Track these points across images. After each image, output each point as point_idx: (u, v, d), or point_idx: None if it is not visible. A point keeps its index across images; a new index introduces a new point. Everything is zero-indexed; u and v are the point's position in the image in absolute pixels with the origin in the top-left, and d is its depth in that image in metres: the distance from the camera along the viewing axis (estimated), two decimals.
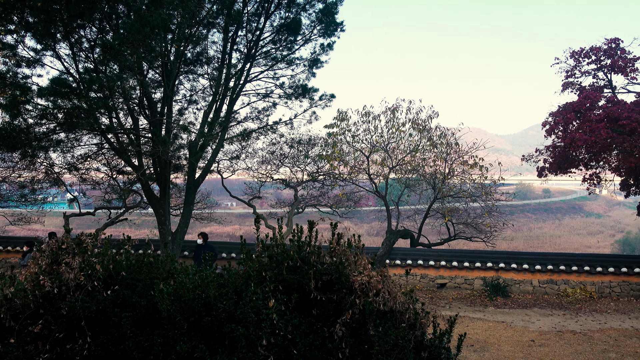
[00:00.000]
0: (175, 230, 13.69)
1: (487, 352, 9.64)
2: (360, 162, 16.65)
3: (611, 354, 9.59)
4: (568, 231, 78.96)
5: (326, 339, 3.94)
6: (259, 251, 4.56)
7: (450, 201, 17.21)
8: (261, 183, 17.47)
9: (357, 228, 60.75)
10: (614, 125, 12.47)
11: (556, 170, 14.78)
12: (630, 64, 13.71)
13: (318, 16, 13.60)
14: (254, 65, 14.03)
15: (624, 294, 14.43)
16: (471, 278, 15.26)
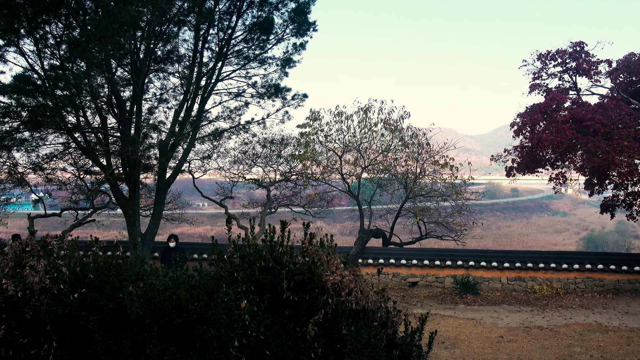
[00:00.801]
0: (145, 231, 13.45)
1: (458, 348, 9.81)
2: (333, 161, 16.69)
3: (576, 348, 9.88)
4: (535, 229, 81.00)
5: (299, 339, 3.94)
6: (231, 252, 4.52)
7: (421, 200, 17.43)
8: (233, 183, 17.33)
9: (329, 228, 60.88)
10: (578, 126, 12.84)
11: (524, 170, 15.13)
12: (594, 67, 14.14)
13: (290, 15, 13.57)
14: (225, 64, 13.90)
15: (588, 290, 14.89)
16: (442, 276, 15.49)
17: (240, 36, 13.77)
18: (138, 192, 13.40)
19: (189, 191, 30.52)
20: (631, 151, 12.19)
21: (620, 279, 14.83)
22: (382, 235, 17.00)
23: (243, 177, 17.16)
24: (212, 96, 14.36)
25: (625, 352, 9.69)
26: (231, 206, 21.81)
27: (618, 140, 12.22)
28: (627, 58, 14.80)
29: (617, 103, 13.05)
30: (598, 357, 9.38)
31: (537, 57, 14.86)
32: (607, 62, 14.59)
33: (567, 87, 14.97)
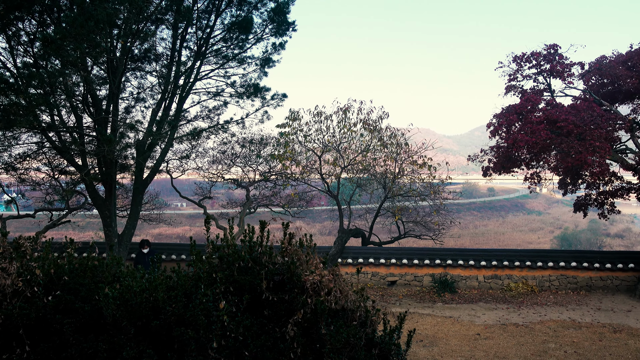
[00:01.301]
0: (122, 232, 13.25)
1: (436, 346, 9.92)
2: (313, 161, 16.72)
3: (550, 344, 10.09)
4: (511, 228, 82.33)
5: (278, 339, 3.94)
6: (210, 252, 4.50)
7: (400, 200, 17.57)
8: (212, 183, 17.19)
9: (309, 227, 60.88)
10: (552, 127, 13.11)
11: (500, 170, 15.36)
12: (567, 69, 14.46)
13: (270, 15, 13.53)
14: (204, 63, 13.78)
15: (562, 287, 15.22)
16: (420, 275, 15.65)
17: (219, 35, 13.68)
18: (115, 193, 13.20)
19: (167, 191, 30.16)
20: (602, 151, 12.50)
21: (593, 276, 15.20)
22: (361, 234, 17.09)
23: (222, 177, 17.05)
24: (191, 95, 14.23)
25: (598, 347, 9.94)
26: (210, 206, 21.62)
27: (590, 140, 12.52)
28: (599, 61, 15.17)
29: (590, 104, 13.37)
30: (571, 352, 9.60)
31: (512, 59, 15.12)
32: (580, 64, 14.93)
33: (542, 89, 15.27)
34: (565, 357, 9.34)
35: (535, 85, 15.33)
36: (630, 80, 13.96)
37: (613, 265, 15.11)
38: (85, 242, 14.76)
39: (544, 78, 15.02)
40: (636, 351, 9.68)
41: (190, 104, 15.36)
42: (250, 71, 14.50)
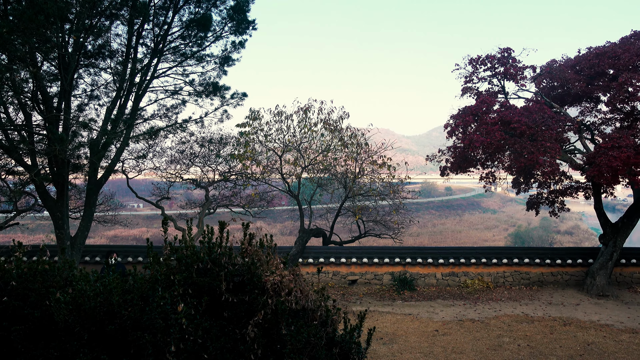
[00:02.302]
0: (74, 234, 12.78)
1: (396, 344, 10.06)
2: (273, 161, 16.63)
3: (505, 339, 10.43)
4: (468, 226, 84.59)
5: (238, 341, 3.89)
6: (167, 254, 4.39)
7: (360, 200, 17.73)
8: (170, 183, 16.84)
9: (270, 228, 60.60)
10: (506, 128, 13.54)
11: (457, 170, 15.73)
12: (520, 72, 14.96)
13: (229, 13, 13.36)
14: (161, 60, 13.47)
15: (515, 283, 15.75)
16: (380, 273, 15.84)
17: (177, 32, 13.40)
18: (67, 194, 12.71)
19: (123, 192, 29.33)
20: (553, 152, 13.01)
21: (544, 272, 15.81)
22: (322, 234, 17.14)
23: (180, 177, 16.73)
24: (148, 93, 13.88)
25: (549, 340, 10.34)
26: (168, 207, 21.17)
27: (542, 141, 13.00)
28: (549, 64, 15.78)
29: (541, 107, 13.88)
30: (524, 346, 9.94)
31: (468, 61, 15.51)
32: (532, 67, 15.49)
33: (496, 91, 15.74)
34: (519, 350, 9.66)
35: (490, 87, 15.78)
36: (578, 83, 14.59)
37: (563, 261, 15.76)
38: (36, 245, 14.14)
39: (498, 80, 15.49)
40: (584, 343, 10.13)
41: (147, 102, 15.02)
42: (209, 69, 14.30)
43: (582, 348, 9.82)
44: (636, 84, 12.79)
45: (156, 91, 14.40)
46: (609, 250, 14.78)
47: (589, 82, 14.67)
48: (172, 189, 17.51)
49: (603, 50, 14.21)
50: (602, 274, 14.61)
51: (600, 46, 14.72)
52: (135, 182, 16.82)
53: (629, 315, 12.48)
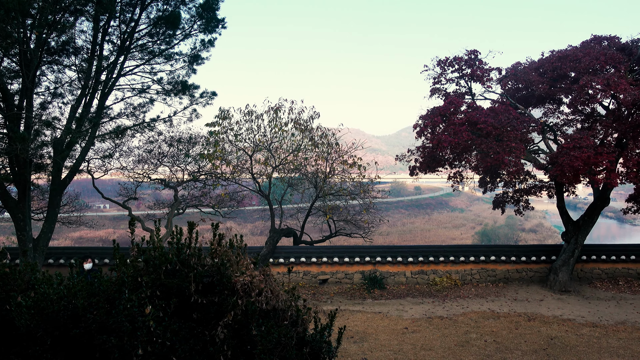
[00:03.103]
0: (37, 236, 12.39)
1: (366, 342, 10.14)
2: (243, 161, 16.53)
3: (472, 335, 10.65)
4: (436, 225, 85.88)
5: (208, 342, 3.85)
6: (135, 255, 4.32)
7: (331, 199, 17.81)
8: (138, 183, 16.54)
9: (240, 228, 60.13)
10: (473, 128, 13.81)
11: (425, 169, 15.95)
12: (486, 74, 15.28)
13: (198, 11, 13.20)
14: (128, 58, 13.19)
15: (482, 280, 16.09)
16: (351, 272, 15.93)
17: (145, 30, 13.15)
18: (29, 194, 12.31)
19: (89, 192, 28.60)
20: (518, 152, 13.35)
21: (510, 269, 16.20)
22: (293, 234, 17.12)
23: (148, 177, 16.44)
24: (114, 92, 13.58)
25: (514, 335, 10.61)
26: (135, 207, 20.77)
27: (507, 142, 13.33)
28: (514, 67, 16.17)
29: (506, 108, 14.21)
30: (491, 341, 10.18)
31: (437, 62, 15.74)
32: (498, 69, 15.84)
33: (464, 92, 16.03)
34: (486, 346, 9.89)
35: (457, 88, 16.06)
36: (542, 85, 15.01)
37: (527, 258, 16.19)
38: None
39: (466, 82, 15.78)
40: (547, 337, 10.44)
41: (114, 101, 14.71)
42: (178, 68, 14.09)
43: (546, 342, 10.12)
44: (596, 87, 13.24)
45: (123, 89, 14.10)
46: (570, 247, 15.26)
47: (551, 85, 15.11)
48: (139, 189, 17.20)
49: (565, 54, 14.66)
50: (565, 271, 15.08)
51: (563, 50, 15.18)
52: (102, 182, 16.44)
53: (590, 309, 12.93)
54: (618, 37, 15.19)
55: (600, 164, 12.70)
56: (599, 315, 12.40)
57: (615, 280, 16.03)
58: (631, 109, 13.42)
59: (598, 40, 15.23)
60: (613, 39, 15.15)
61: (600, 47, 14.75)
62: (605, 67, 14.03)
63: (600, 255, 16.29)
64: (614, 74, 13.35)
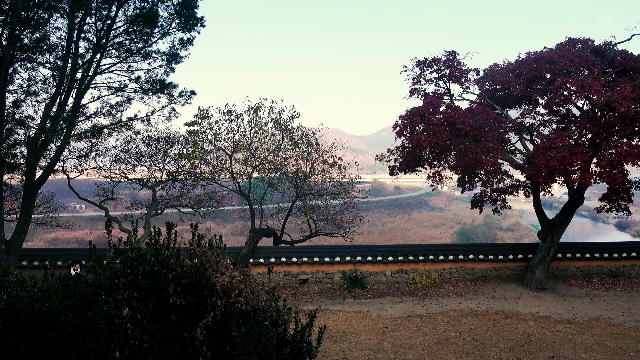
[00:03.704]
0: (10, 237, 12.08)
1: (346, 341, 10.16)
2: (223, 161, 16.40)
3: (451, 333, 10.76)
4: (416, 224, 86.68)
5: (186, 344, 3.80)
6: (111, 257, 4.24)
7: (311, 199, 17.80)
8: (115, 183, 16.26)
9: (220, 228, 59.71)
10: (452, 128, 13.96)
11: (405, 169, 16.07)
12: (465, 75, 15.47)
13: (177, 9, 13.04)
14: (105, 56, 12.96)
15: (461, 279, 16.28)
16: (331, 272, 15.95)
17: (122, 27, 12.94)
18: (1, 195, 12.00)
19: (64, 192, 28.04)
20: (495, 152, 13.55)
21: (488, 267, 16.44)
22: (273, 234, 17.06)
23: (126, 177, 16.19)
24: (90, 90, 13.32)
25: (492, 332, 10.76)
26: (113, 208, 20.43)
27: (485, 142, 13.50)
28: (492, 68, 16.41)
29: (484, 108, 14.41)
30: (469, 339, 10.30)
31: (416, 63, 15.86)
32: (476, 70, 16.04)
33: (442, 93, 16.20)
34: (464, 343, 10.00)
35: (436, 89, 16.22)
36: (518, 86, 15.25)
37: (505, 256, 16.44)
38: None
39: (444, 82, 15.94)
40: (525, 334, 10.62)
41: (90, 99, 14.39)
42: (156, 66, 13.89)
43: (523, 339, 10.28)
44: (570, 88, 13.52)
45: (99, 88, 13.85)
46: (546, 245, 15.55)
47: (528, 86, 15.37)
48: (116, 190, 16.93)
49: (541, 56, 14.93)
50: (541, 268, 15.36)
51: (539, 51, 15.45)
52: (77, 182, 16.13)
53: (565, 307, 13.19)
54: (592, 39, 15.55)
55: (574, 163, 12.97)
56: (574, 312, 12.66)
57: (589, 277, 16.39)
58: (604, 110, 13.72)
59: (572, 43, 15.55)
60: (587, 41, 15.49)
61: (574, 49, 15.07)
62: (580, 69, 14.34)
63: (575, 253, 16.64)
64: (587, 75, 13.65)
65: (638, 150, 12.93)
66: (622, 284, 15.68)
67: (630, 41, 16.91)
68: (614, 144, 13.16)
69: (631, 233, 74.32)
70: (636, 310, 12.75)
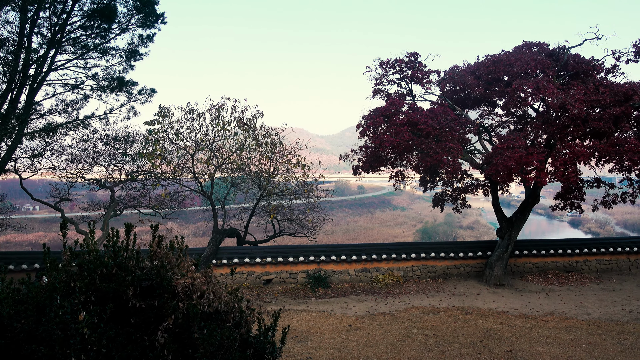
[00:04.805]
0: None
1: (310, 341, 10.17)
2: (185, 160, 16.11)
3: (414, 330, 10.93)
4: (379, 223, 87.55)
5: (147, 348, 3.71)
6: (67, 259, 4.09)
7: (275, 199, 17.73)
8: (71, 184, 15.73)
9: (181, 229, 58.66)
10: (414, 129, 14.18)
11: (368, 169, 16.21)
12: (426, 76, 15.75)
13: (136, 5, 12.75)
14: (60, 52, 12.54)
15: (423, 276, 16.56)
16: (295, 272, 15.93)
17: (78, 22, 12.55)
18: None
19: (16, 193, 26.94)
20: (456, 152, 13.85)
21: (449, 265, 16.79)
22: (236, 234, 16.90)
23: (82, 177, 15.69)
24: (44, 87, 12.87)
25: (453, 328, 11.00)
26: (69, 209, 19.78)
27: (446, 142, 13.78)
28: (452, 70, 16.77)
29: (445, 109, 14.71)
30: (431, 335, 10.49)
31: (379, 64, 16.04)
32: (437, 72, 16.35)
33: (405, 93, 16.44)
34: (426, 340, 10.18)
35: (399, 89, 16.44)
36: (478, 88, 15.65)
37: (465, 254, 16.84)
38: None
39: (407, 83, 16.18)
40: (484, 329, 10.90)
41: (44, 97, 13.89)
42: (114, 63, 13.56)
43: (482, 334, 10.56)
44: (527, 90, 13.96)
45: (54, 85, 13.39)
46: (504, 243, 16.02)
47: (486, 87, 15.79)
48: (73, 190, 16.38)
49: (499, 58, 15.36)
50: (499, 265, 15.81)
51: (497, 54, 15.90)
52: (31, 182, 15.51)
53: (522, 302, 13.62)
54: (547, 43, 16.12)
55: (531, 163, 13.40)
56: (530, 306, 13.09)
57: (544, 273, 16.99)
58: (558, 112, 14.24)
59: (529, 46, 16.07)
60: (542, 45, 16.05)
61: (530, 52, 15.58)
62: (535, 72, 14.84)
63: (531, 250, 17.22)
64: (543, 78, 14.14)
65: (590, 151, 13.47)
66: (575, 279, 16.33)
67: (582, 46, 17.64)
68: (568, 145, 13.67)
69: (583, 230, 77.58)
70: (588, 304, 13.30)
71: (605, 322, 11.57)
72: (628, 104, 13.31)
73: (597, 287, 15.40)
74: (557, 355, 9.26)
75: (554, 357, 9.16)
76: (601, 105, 13.50)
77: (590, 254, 17.55)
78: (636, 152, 12.77)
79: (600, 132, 13.72)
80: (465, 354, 9.35)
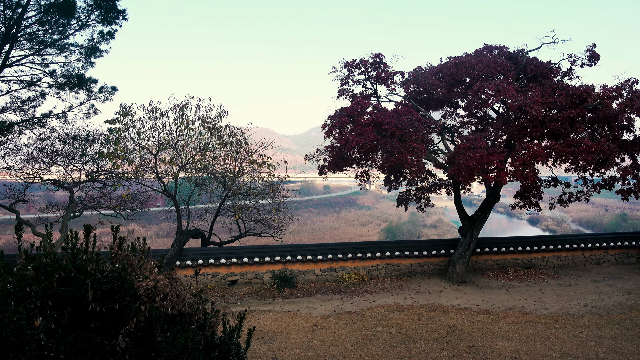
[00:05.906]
0: None
1: (276, 341, 10.14)
2: (147, 160, 15.76)
3: (379, 328, 11.05)
4: (345, 223, 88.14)
5: (107, 353, 3.63)
6: (22, 263, 3.94)
7: (240, 199, 17.57)
8: (27, 184, 15.15)
9: (144, 230, 57.44)
10: (379, 129, 14.33)
11: (334, 169, 16.28)
12: (391, 77, 15.94)
13: (96, 0, 12.40)
14: (15, 47, 12.07)
15: (388, 275, 16.77)
16: (261, 272, 15.84)
17: (35, 17, 12.10)
18: None
19: None
20: (419, 152, 14.08)
21: (413, 263, 17.05)
22: (201, 235, 16.67)
23: (39, 178, 15.13)
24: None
25: (417, 325, 11.18)
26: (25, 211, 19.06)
27: (410, 142, 13.99)
28: (416, 71, 17.04)
29: (409, 110, 14.92)
30: (396, 333, 10.64)
31: (344, 64, 16.12)
32: (401, 73, 16.58)
33: (370, 94, 16.59)
34: (391, 337, 10.31)
35: (364, 90, 16.58)
36: (441, 89, 15.96)
37: (429, 252, 17.14)
38: None
39: (371, 84, 16.33)
40: (447, 326, 11.13)
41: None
42: (73, 60, 13.15)
43: (445, 331, 10.78)
44: (488, 92, 14.33)
45: (9, 81, 12.87)
46: (466, 241, 16.40)
47: (449, 89, 16.12)
48: (29, 191, 15.77)
49: (461, 60, 15.71)
50: (462, 263, 16.17)
51: (459, 56, 16.24)
52: None
53: (483, 298, 13.98)
54: (506, 47, 16.58)
55: (491, 163, 13.75)
56: (492, 303, 13.45)
57: (505, 270, 17.48)
58: (517, 113, 14.67)
59: (490, 49, 16.49)
60: (502, 48, 16.51)
61: (491, 55, 15.99)
62: (496, 74, 15.24)
63: (492, 248, 17.69)
64: (503, 80, 14.54)
65: (547, 151, 13.94)
66: (533, 275, 16.87)
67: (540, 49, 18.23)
68: (526, 145, 14.10)
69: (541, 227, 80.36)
70: (546, 299, 13.77)
71: (562, 316, 12.01)
72: (582, 106, 13.84)
73: (554, 282, 15.95)
74: (517, 349, 9.56)
75: (514, 351, 9.45)
76: (558, 107, 13.99)
77: (548, 251, 18.18)
78: (590, 153, 13.29)
79: (557, 133, 14.20)
80: (429, 350, 9.53)
